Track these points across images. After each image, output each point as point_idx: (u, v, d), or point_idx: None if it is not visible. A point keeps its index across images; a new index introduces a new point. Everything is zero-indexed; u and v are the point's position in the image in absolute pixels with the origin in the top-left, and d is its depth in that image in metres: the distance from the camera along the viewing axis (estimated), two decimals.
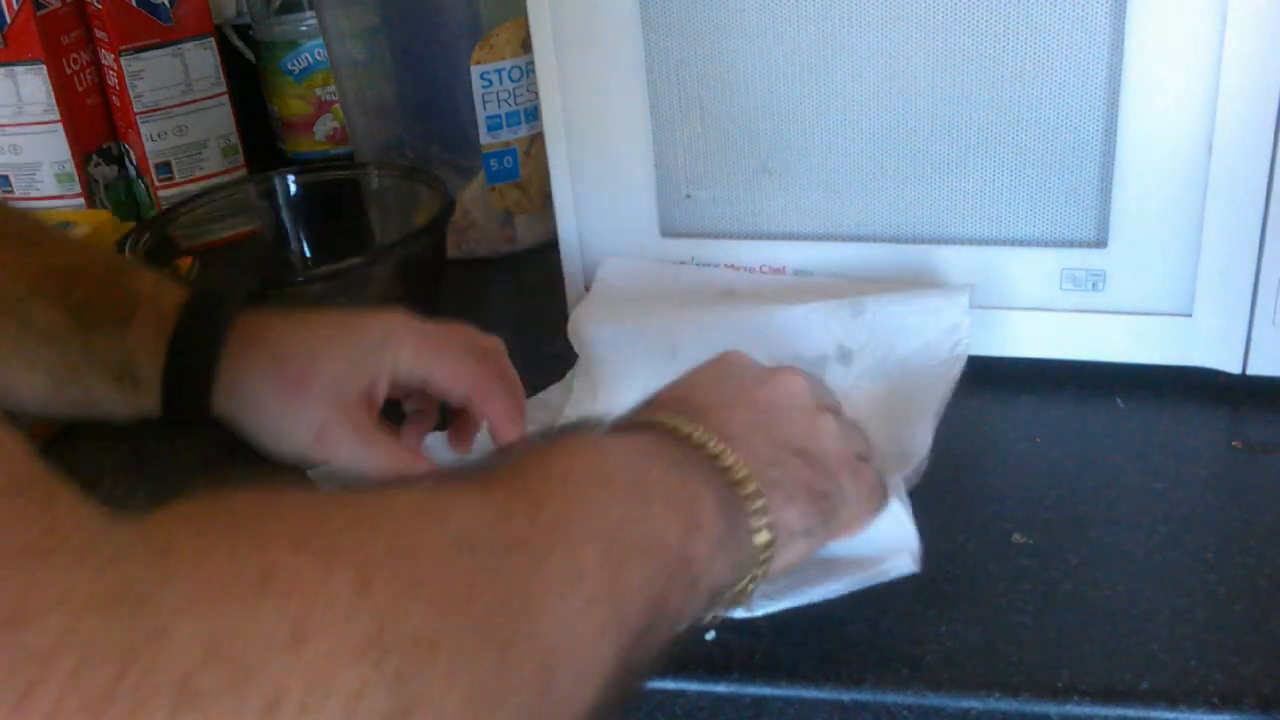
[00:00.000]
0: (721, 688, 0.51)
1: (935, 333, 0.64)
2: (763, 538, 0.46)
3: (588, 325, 0.70)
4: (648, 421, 0.47)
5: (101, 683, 0.25)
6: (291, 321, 0.58)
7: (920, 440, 0.58)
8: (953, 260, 0.68)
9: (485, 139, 0.87)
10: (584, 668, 0.37)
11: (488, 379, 0.59)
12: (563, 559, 0.38)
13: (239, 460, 0.60)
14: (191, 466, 0.61)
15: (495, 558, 0.36)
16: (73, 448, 0.65)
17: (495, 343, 0.61)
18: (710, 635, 0.52)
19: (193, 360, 0.56)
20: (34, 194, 1.00)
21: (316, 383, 0.56)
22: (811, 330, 0.65)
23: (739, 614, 0.52)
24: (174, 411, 0.56)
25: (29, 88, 0.97)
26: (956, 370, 0.62)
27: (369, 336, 0.57)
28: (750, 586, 0.47)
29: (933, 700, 0.49)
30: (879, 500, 0.52)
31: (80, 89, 1.01)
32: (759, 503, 0.46)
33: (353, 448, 0.56)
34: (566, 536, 0.39)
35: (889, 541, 0.53)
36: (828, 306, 0.65)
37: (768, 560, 0.47)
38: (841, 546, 0.54)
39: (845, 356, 0.65)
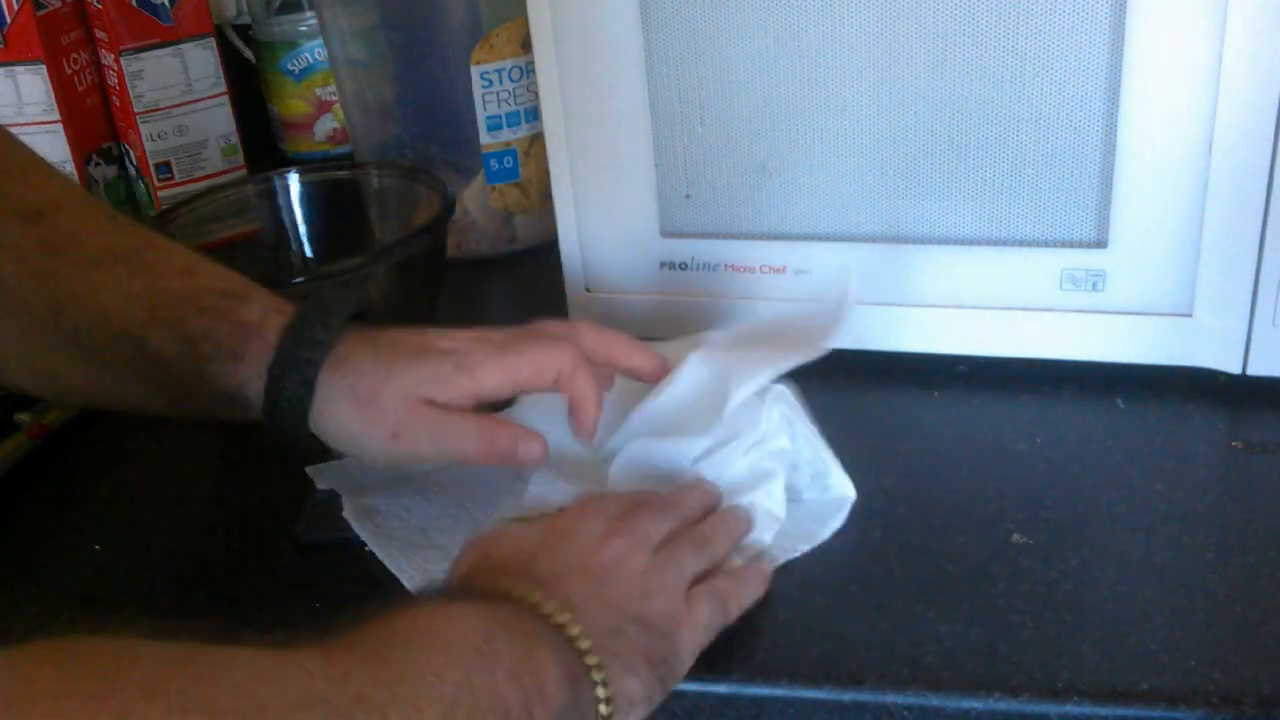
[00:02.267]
0: (721, 688, 0.51)
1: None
2: (604, 710, 0.46)
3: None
4: (492, 590, 0.47)
5: None
6: (374, 344, 0.59)
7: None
8: (952, 260, 0.68)
9: (485, 139, 0.87)
10: None
11: (572, 360, 0.59)
12: None
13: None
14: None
15: (338, 716, 0.37)
16: None
17: (572, 327, 0.62)
18: None
19: (290, 389, 0.58)
20: None
21: (386, 394, 0.57)
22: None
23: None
24: (277, 435, 0.59)
25: (29, 88, 0.97)
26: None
27: (446, 360, 0.58)
28: None
29: (933, 700, 0.49)
30: (720, 621, 0.52)
31: (80, 89, 1.01)
32: (601, 675, 0.46)
33: (429, 438, 0.57)
34: (408, 698, 0.39)
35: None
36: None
37: None
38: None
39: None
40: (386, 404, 0.57)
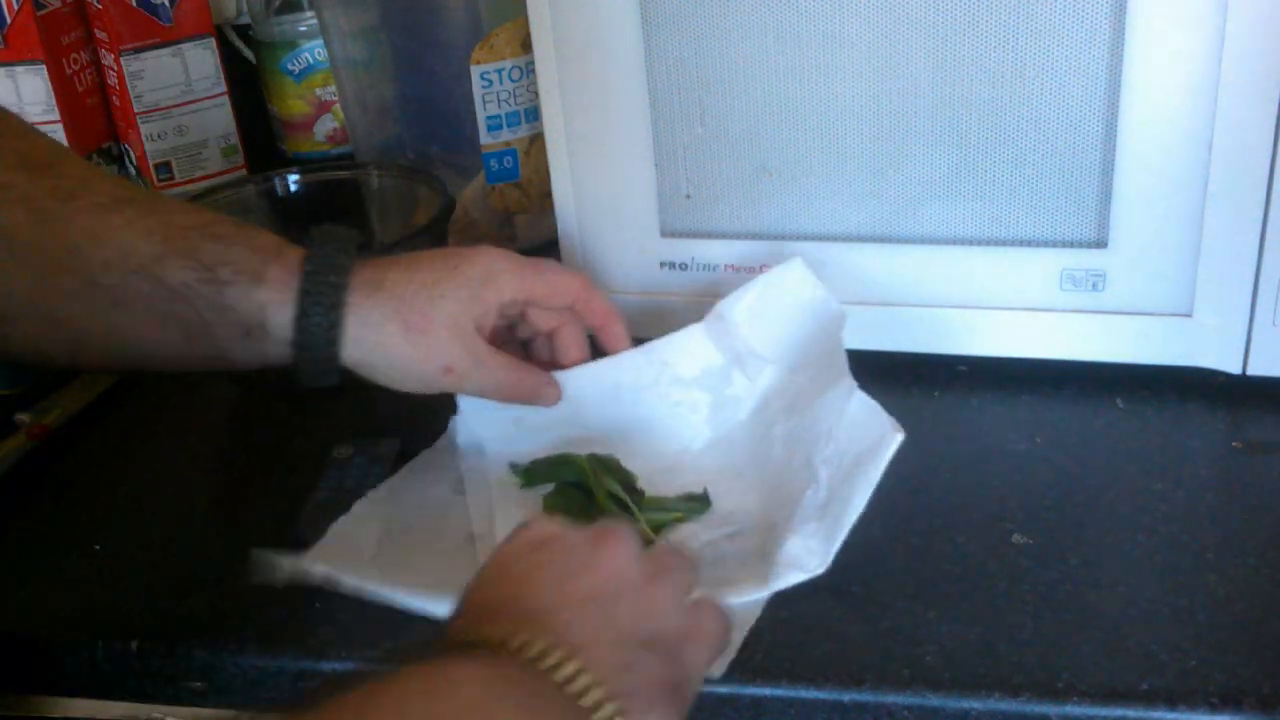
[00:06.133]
0: (722, 688, 0.51)
1: (802, 298, 0.66)
2: None
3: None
4: (491, 640, 0.42)
5: None
6: (403, 267, 0.62)
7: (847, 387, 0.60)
8: (952, 260, 0.68)
9: (485, 139, 0.87)
10: None
11: (584, 286, 0.64)
12: None
13: None
14: None
15: None
16: None
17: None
18: None
19: (322, 309, 0.59)
20: None
21: (438, 322, 0.60)
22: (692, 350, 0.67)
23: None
24: (305, 361, 0.59)
25: (29, 88, 0.97)
26: (841, 322, 0.64)
27: (474, 273, 0.61)
28: None
29: (933, 700, 0.50)
30: (725, 637, 0.49)
31: (80, 89, 1.01)
32: None
33: (476, 376, 0.61)
34: None
35: (873, 431, 0.56)
36: (690, 331, 0.67)
37: None
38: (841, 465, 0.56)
39: (738, 361, 0.66)
40: (439, 335, 0.60)
